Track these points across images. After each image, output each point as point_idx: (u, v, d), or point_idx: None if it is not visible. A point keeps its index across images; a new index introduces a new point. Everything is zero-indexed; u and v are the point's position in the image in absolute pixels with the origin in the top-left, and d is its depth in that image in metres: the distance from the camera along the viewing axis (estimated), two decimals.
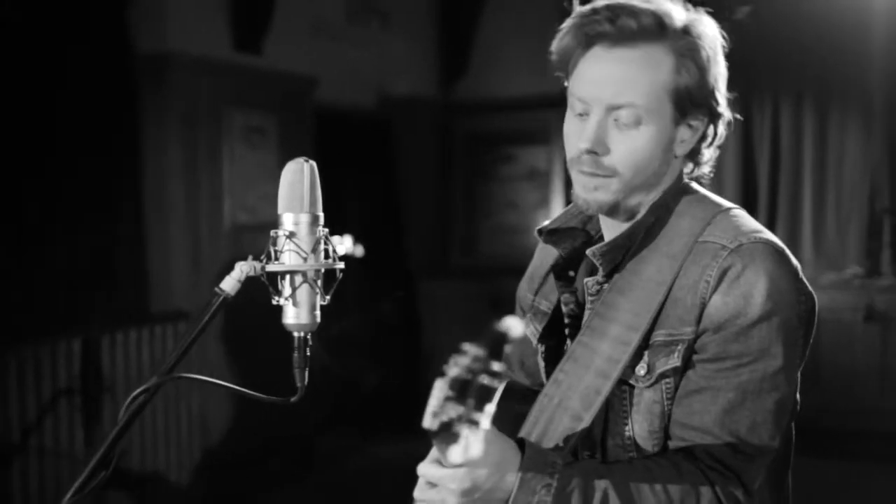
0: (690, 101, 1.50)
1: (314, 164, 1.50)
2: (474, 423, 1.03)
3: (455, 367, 1.08)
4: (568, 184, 5.97)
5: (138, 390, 1.44)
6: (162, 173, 5.51)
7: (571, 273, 1.69)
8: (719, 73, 1.53)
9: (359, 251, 6.83)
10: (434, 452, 1.41)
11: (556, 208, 7.54)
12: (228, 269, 1.47)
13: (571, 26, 1.54)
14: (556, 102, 6.67)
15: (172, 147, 5.52)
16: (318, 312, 1.50)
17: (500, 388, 1.05)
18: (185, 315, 5.42)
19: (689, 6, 1.54)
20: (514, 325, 1.08)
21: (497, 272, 7.19)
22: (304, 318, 1.49)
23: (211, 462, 5.53)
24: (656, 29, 1.47)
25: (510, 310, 1.48)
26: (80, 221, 5.06)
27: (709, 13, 1.55)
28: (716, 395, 1.44)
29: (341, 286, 1.50)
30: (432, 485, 1.41)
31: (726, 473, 1.42)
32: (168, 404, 5.33)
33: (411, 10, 7.59)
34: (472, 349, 1.06)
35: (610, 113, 1.49)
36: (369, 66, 7.11)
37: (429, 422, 1.14)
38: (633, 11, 1.47)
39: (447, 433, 1.10)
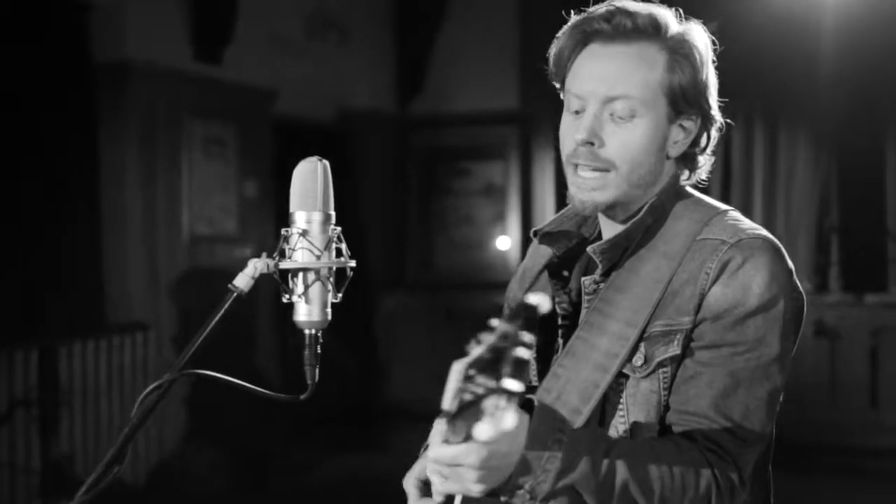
0: (684, 99, 1.54)
1: (327, 163, 1.52)
2: (510, 394, 1.03)
3: (481, 344, 1.07)
4: (524, 199, 6.05)
5: (151, 386, 1.43)
6: (120, 183, 5.46)
7: (566, 273, 1.71)
8: (711, 78, 1.59)
9: None
10: (440, 436, 1.40)
11: (513, 223, 7.60)
12: (186, 279, 1.48)
13: (569, 27, 1.59)
14: (513, 119, 6.78)
15: (131, 156, 5.48)
16: (329, 310, 1.50)
17: (532, 360, 1.06)
18: (142, 325, 5.37)
19: (681, 15, 1.60)
20: (543, 301, 1.10)
21: (453, 286, 7.24)
22: (316, 316, 1.49)
23: (167, 471, 5.47)
24: (651, 29, 1.53)
25: (465, 322, 1.50)
26: (37, 231, 4.99)
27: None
28: (711, 380, 1.47)
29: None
30: (446, 468, 1.39)
31: (723, 456, 1.45)
32: (125, 413, 5.26)
33: (369, 25, 7.62)
34: (501, 325, 1.05)
35: (605, 106, 1.53)
36: (328, 79, 7.12)
37: (448, 403, 1.14)
38: (628, 12, 1.53)
39: (471, 411, 1.09)
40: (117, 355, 5.21)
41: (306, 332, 1.52)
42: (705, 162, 1.65)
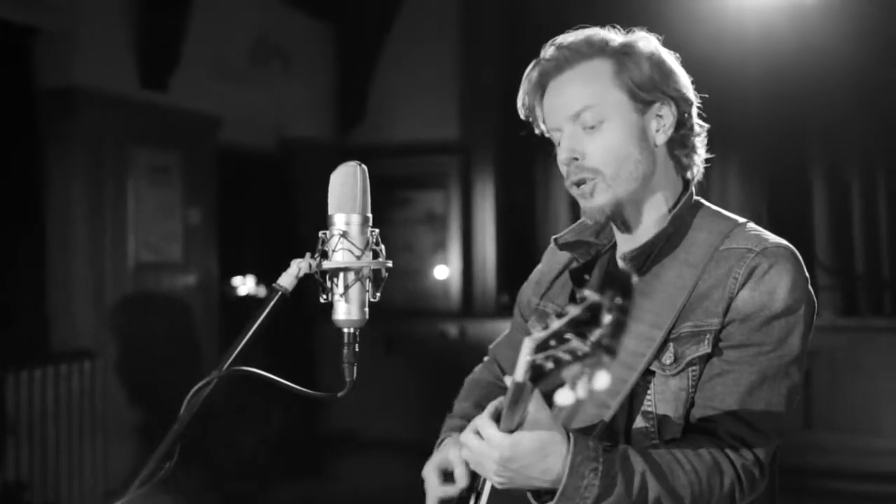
0: (642, 89, 1.66)
1: (365, 168, 1.56)
2: (610, 352, 1.09)
3: (563, 317, 1.13)
4: (465, 228, 6.12)
5: (200, 384, 1.45)
6: (65, 210, 5.39)
7: (587, 276, 1.80)
8: (668, 66, 1.70)
9: (262, 292, 6.79)
10: (475, 423, 1.48)
11: (453, 252, 7.68)
12: (131, 306, 1.51)
13: (525, 81, 1.76)
14: (453, 149, 6.86)
15: (76, 183, 5.41)
16: (367, 309, 1.55)
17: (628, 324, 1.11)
18: (89, 353, 5.28)
19: (621, 30, 1.73)
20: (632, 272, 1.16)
21: (393, 314, 7.26)
22: (355, 315, 1.54)
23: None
24: (587, 49, 1.68)
25: (406, 350, 1.58)
26: None
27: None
28: (738, 378, 1.57)
29: (242, 327, 1.53)
30: (471, 454, 1.48)
31: (745, 452, 1.55)
32: (72, 440, 5.16)
33: (312, 54, 7.66)
34: (591, 295, 1.11)
35: (575, 122, 1.66)
36: (270, 107, 7.13)
37: (521, 376, 1.22)
38: (565, 45, 1.69)
39: (550, 379, 1.16)
40: (64, 383, 5.11)
41: (345, 330, 1.56)
42: (699, 141, 1.76)
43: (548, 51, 1.72)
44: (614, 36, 1.71)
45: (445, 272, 7.70)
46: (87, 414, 5.24)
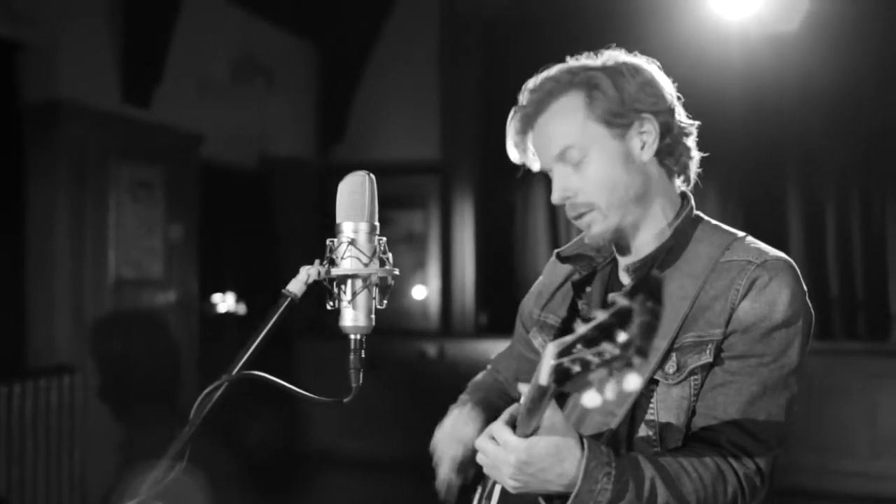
0: (617, 116, 1.69)
1: (374, 177, 1.59)
2: (642, 353, 1.11)
3: (594, 321, 1.16)
4: (444, 248, 6.18)
5: (209, 388, 1.48)
6: (47, 224, 5.36)
7: (588, 289, 1.85)
8: (642, 77, 1.73)
9: (241, 309, 6.78)
10: (490, 429, 1.51)
11: (433, 271, 7.70)
12: (111, 322, 1.53)
13: (511, 133, 1.82)
14: (433, 168, 6.91)
15: (58, 197, 5.39)
16: (373, 316, 1.58)
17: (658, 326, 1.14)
18: (67, 368, 5.25)
19: (590, 54, 1.78)
20: (661, 276, 1.20)
21: (372, 333, 7.27)
22: (362, 321, 1.57)
23: None
24: (557, 85, 1.72)
25: (385, 369, 1.62)
26: None
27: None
28: (740, 388, 1.61)
29: (221, 345, 1.56)
30: (486, 458, 1.53)
31: (746, 461, 1.59)
32: (50, 455, 5.12)
33: (294, 73, 7.69)
34: (620, 300, 1.13)
35: (560, 162, 1.72)
36: (251, 125, 7.15)
37: (545, 379, 1.25)
38: (539, 85, 1.75)
39: (576, 381, 1.19)
40: (43, 398, 5.07)
41: (352, 336, 1.59)
42: (691, 144, 1.79)
43: (523, 96, 1.77)
44: (581, 64, 1.74)
45: (424, 292, 7.73)
46: (65, 429, 5.20)
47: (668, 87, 1.76)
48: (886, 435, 6.32)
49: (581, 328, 1.17)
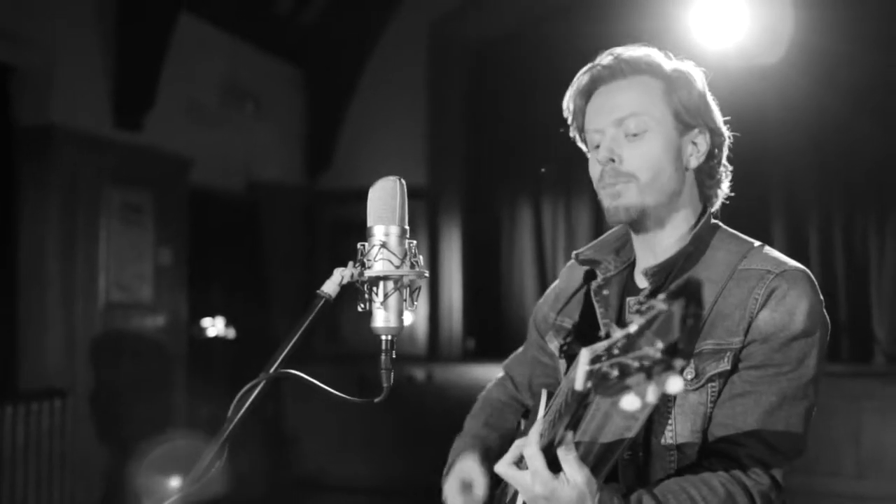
0: (687, 113, 1.74)
1: (404, 182, 1.63)
2: (686, 356, 1.13)
3: (632, 325, 1.17)
4: (431, 273, 6.21)
5: (248, 385, 1.50)
6: (39, 247, 5.36)
7: (606, 292, 1.87)
8: (709, 100, 1.81)
9: (230, 333, 6.77)
10: (509, 455, 1.54)
11: (420, 296, 7.71)
12: (103, 345, 1.54)
13: (577, 80, 1.82)
14: (420, 194, 6.96)
15: (50, 221, 5.40)
16: (404, 317, 1.61)
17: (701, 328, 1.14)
18: (59, 392, 5.23)
19: (671, 56, 1.82)
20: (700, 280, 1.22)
21: (361, 357, 7.28)
22: (394, 322, 1.60)
23: None
24: (643, 66, 1.76)
25: (374, 394, 1.65)
26: None
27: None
28: (759, 398, 1.62)
29: (210, 369, 1.59)
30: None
31: (762, 476, 1.59)
32: (41, 479, 5.08)
33: (282, 98, 7.74)
34: (658, 303, 1.15)
35: (619, 128, 1.73)
36: (240, 150, 7.18)
37: (581, 384, 1.26)
38: (623, 58, 1.77)
39: (614, 386, 1.20)
40: (34, 421, 5.05)
41: (383, 337, 1.62)
42: (724, 175, 1.85)
43: (605, 58, 1.78)
44: (668, 60, 1.79)
45: (410, 318, 7.75)
46: (56, 452, 5.17)
47: (724, 123, 1.83)
48: (871, 456, 6.38)
49: (617, 332, 1.19)
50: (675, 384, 1.15)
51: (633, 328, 1.17)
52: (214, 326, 6.64)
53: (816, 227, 7.19)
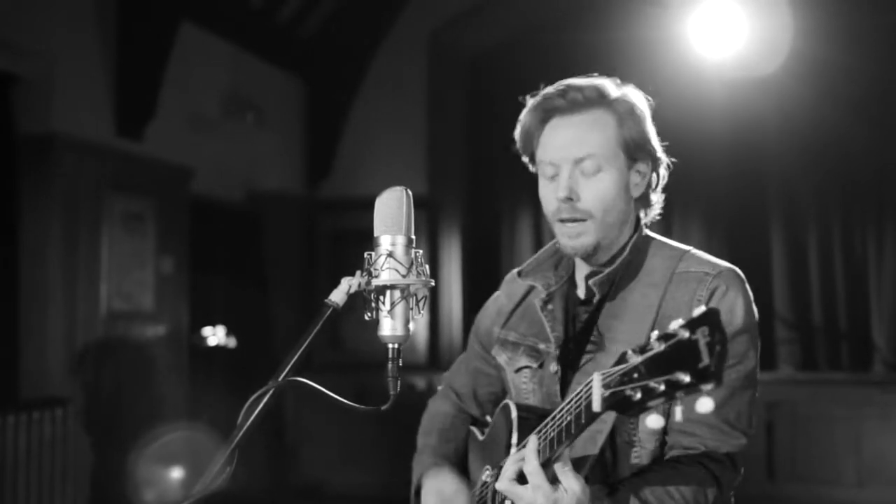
0: (636, 148, 1.84)
1: (410, 193, 1.66)
2: (717, 379, 1.23)
3: (651, 350, 1.28)
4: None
5: (258, 393, 1.52)
6: (40, 256, 5.37)
7: (551, 306, 1.95)
8: (651, 126, 1.89)
9: (231, 342, 6.77)
10: (508, 472, 1.66)
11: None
12: (103, 354, 1.56)
13: (530, 108, 1.90)
14: (420, 204, 7.00)
15: (52, 229, 5.41)
16: (410, 326, 1.63)
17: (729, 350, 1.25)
18: (60, 401, 5.24)
19: (618, 83, 1.90)
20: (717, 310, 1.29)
21: (361, 366, 7.29)
22: (400, 331, 1.63)
23: None
24: (598, 98, 1.84)
25: (373, 403, 1.69)
26: None
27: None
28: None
29: (211, 378, 1.60)
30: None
31: (723, 458, 1.75)
32: (42, 487, 5.09)
33: (282, 108, 7.76)
34: (681, 331, 1.26)
35: (576, 166, 1.82)
36: (241, 159, 7.20)
37: (598, 405, 1.38)
38: (577, 87, 1.85)
39: (637, 407, 1.31)
40: (36, 430, 5.06)
41: (389, 346, 1.64)
42: (657, 200, 1.95)
43: (559, 87, 1.86)
44: (614, 88, 1.86)
45: (412, 326, 7.74)
46: (57, 461, 5.17)
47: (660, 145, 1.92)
48: (872, 464, 6.40)
49: (634, 358, 1.31)
50: (706, 404, 1.28)
51: (651, 354, 1.29)
52: (215, 335, 6.65)
53: (815, 235, 7.23)
